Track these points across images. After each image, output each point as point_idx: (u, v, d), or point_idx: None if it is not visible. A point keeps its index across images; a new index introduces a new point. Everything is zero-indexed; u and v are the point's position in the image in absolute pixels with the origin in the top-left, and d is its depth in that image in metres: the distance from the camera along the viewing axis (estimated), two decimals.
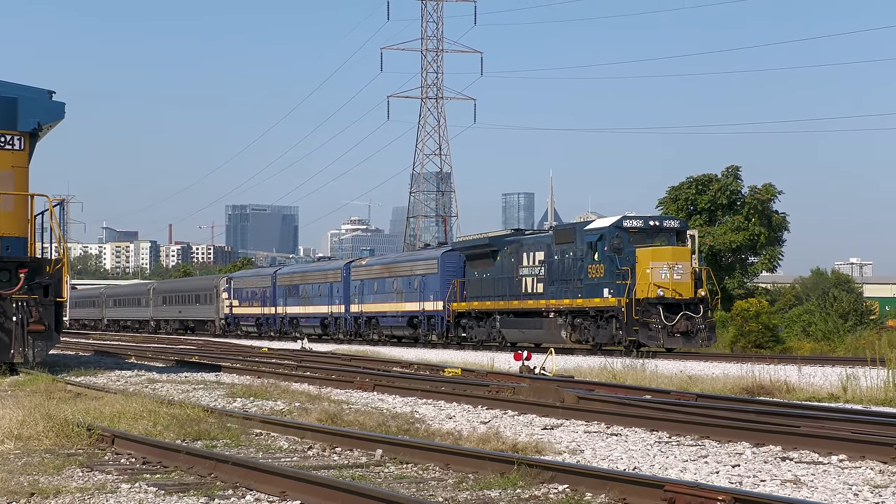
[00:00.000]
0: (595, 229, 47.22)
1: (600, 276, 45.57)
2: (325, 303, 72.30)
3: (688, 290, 44.09)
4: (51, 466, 13.20)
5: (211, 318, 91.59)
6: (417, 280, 61.39)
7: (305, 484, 11.01)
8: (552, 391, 22.54)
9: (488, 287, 54.97)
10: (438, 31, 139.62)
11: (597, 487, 11.11)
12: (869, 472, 12.89)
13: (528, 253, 52.30)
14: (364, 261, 73.05)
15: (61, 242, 31.10)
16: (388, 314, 64.67)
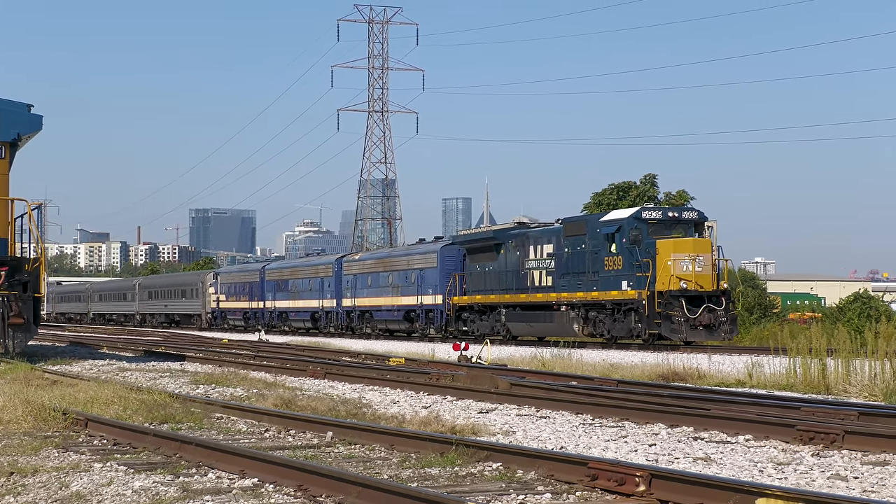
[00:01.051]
0: (612, 221, 42.82)
1: (618, 269, 41.50)
2: (316, 297, 67.85)
3: (709, 283, 40.12)
4: (29, 448, 13.12)
5: (197, 312, 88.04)
6: (415, 274, 56.72)
7: (262, 463, 10.99)
8: (487, 378, 22.55)
9: (491, 280, 50.54)
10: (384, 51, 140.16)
11: (527, 465, 11.12)
12: (772, 450, 12.96)
13: (534, 246, 47.67)
14: (357, 255, 69.02)
15: (39, 243, 31.04)
16: (382, 308, 60.22)
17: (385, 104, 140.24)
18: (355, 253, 70.76)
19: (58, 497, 10.26)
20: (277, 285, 73.91)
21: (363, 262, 63.99)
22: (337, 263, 66.26)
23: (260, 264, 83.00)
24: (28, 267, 30.11)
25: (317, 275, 68.18)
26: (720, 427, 14.75)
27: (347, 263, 65.41)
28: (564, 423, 16.08)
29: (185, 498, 9.70)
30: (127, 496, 9.95)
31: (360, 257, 66.17)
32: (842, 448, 12.85)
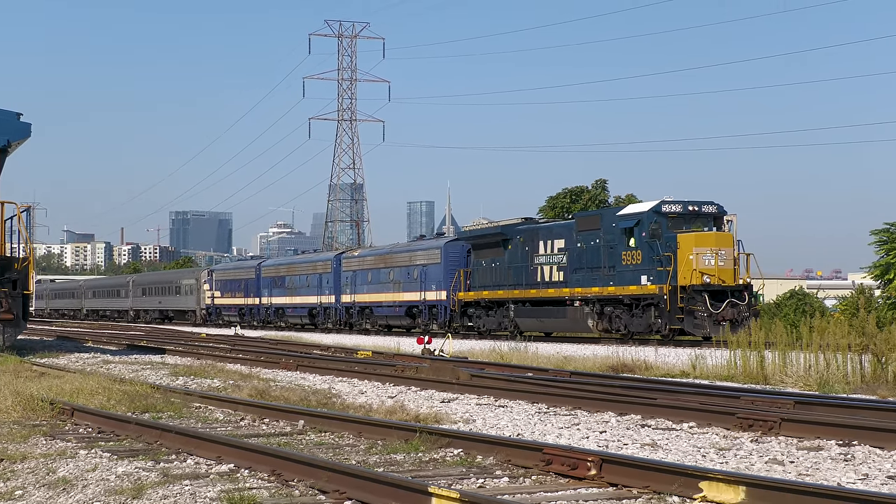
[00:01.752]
0: (631, 214, 39.61)
1: (637, 263, 38.48)
2: (315, 293, 64.08)
3: (731, 277, 37.49)
4: (18, 436, 13.06)
5: (192, 308, 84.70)
6: (417, 270, 53.25)
7: (238, 450, 10.96)
8: (449, 370, 22.55)
9: (499, 276, 47.04)
10: (352, 64, 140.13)
11: (486, 451, 11.13)
12: (714, 436, 13.02)
13: (545, 241, 44.41)
14: (356, 252, 64.46)
15: (28, 243, 30.92)
16: (383, 304, 56.79)
17: (353, 113, 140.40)
18: (354, 249, 66.27)
19: (45, 482, 10.22)
20: (274, 282, 70.68)
21: (363, 259, 60.64)
22: (336, 260, 63.15)
23: (256, 261, 79.20)
24: (17, 266, 29.99)
25: (315, 271, 64.93)
26: (666, 415, 14.79)
27: (347, 260, 62.21)
28: (521, 411, 16.10)
29: (165, 483, 9.67)
30: (111, 481, 9.92)
31: (360, 254, 62.59)
32: (779, 434, 12.91)
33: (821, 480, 9.87)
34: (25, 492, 9.97)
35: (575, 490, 9.33)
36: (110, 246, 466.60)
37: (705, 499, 8.63)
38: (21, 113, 31.04)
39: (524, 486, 9.57)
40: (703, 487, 8.75)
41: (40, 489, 10.00)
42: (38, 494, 9.82)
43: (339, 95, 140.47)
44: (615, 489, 9.29)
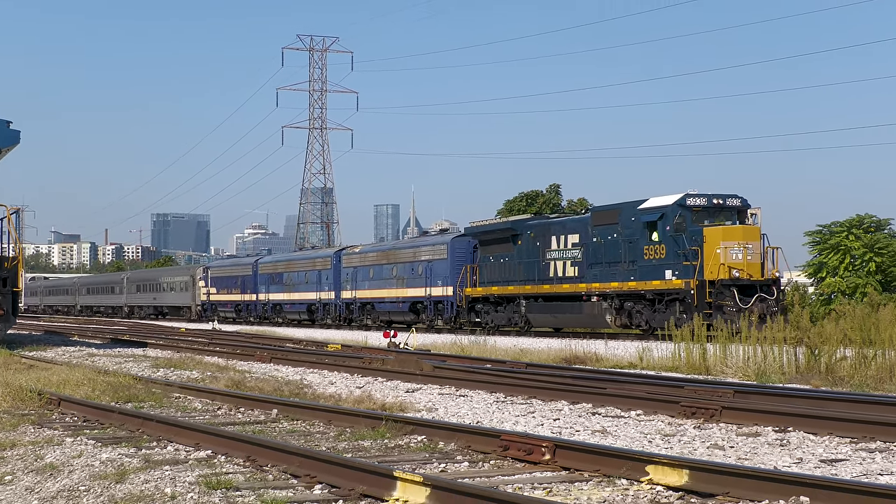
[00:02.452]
0: (653, 208, 36.36)
1: (661, 258, 35.57)
2: (314, 289, 60.56)
3: (758, 272, 34.64)
4: (7, 424, 12.98)
5: (187, 304, 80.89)
6: (422, 266, 49.76)
7: (215, 437, 10.93)
8: (413, 362, 22.54)
9: (508, 271, 43.62)
10: (323, 76, 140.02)
11: (448, 437, 11.14)
12: (660, 423, 13.06)
13: (557, 236, 41.15)
14: (357, 248, 59.91)
15: (17, 243, 30.84)
16: (385, 300, 53.33)
17: (324, 122, 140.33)
18: (355, 246, 61.71)
19: (34, 468, 10.16)
20: (271, 278, 66.95)
21: (364, 255, 56.94)
22: (335, 256, 59.53)
23: (253, 258, 75.09)
24: (7, 265, 29.92)
25: (314, 268, 61.34)
26: (615, 403, 14.83)
27: (347, 256, 58.42)
28: (480, 400, 16.11)
29: (146, 468, 9.63)
30: (95, 467, 9.86)
31: (361, 250, 58.55)
32: (719, 421, 12.97)
33: (758, 464, 9.91)
34: (15, 477, 9.91)
35: (531, 474, 9.35)
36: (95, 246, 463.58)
37: (651, 481, 8.66)
38: (10, 121, 30.94)
39: (483, 471, 9.58)
40: (649, 471, 8.78)
41: (29, 474, 9.94)
42: (27, 479, 9.76)
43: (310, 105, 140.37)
44: (568, 473, 9.31)
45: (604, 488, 8.62)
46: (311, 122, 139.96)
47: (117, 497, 8.57)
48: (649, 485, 8.62)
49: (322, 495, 8.32)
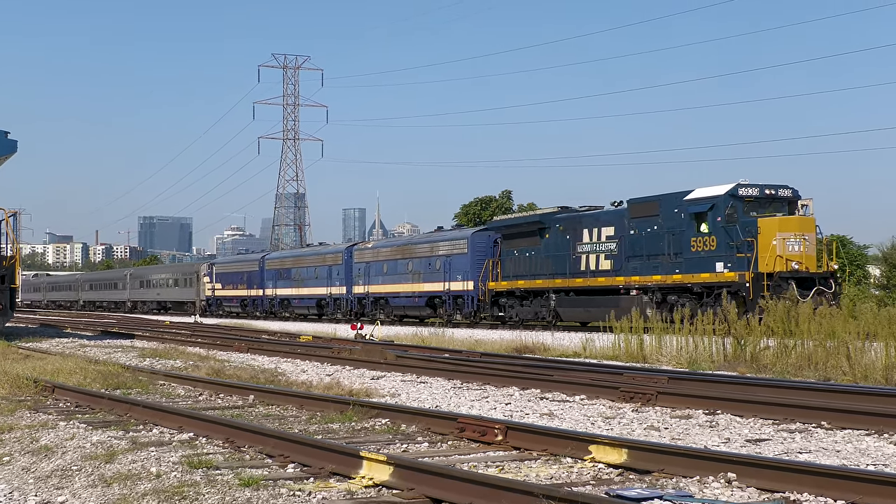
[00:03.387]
0: (702, 199, 32.77)
1: (711, 249, 32.04)
2: (324, 284, 56.60)
3: (814, 264, 31.38)
4: (5, 409, 12.89)
5: (191, 299, 76.77)
6: (440, 261, 45.95)
7: (196, 421, 10.88)
8: (378, 351, 22.52)
9: (535, 265, 39.92)
10: (296, 91, 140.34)
11: (410, 420, 11.13)
12: (602, 407, 13.11)
13: (589, 229, 37.52)
14: (370, 244, 56.43)
15: (14, 244, 30.62)
16: (400, 295, 49.45)
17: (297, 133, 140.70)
18: (368, 241, 58.96)
19: (30, 449, 10.09)
20: (279, 274, 62.83)
21: (377, 251, 53.13)
22: (347, 252, 55.69)
23: (259, 255, 70.59)
24: (5, 263, 29.75)
25: (324, 263, 57.29)
26: (561, 389, 14.87)
27: (359, 252, 54.57)
28: (439, 386, 16.11)
29: (134, 449, 9.58)
30: (86, 448, 9.80)
31: (374, 246, 54.74)
32: (655, 405, 13.03)
33: (690, 444, 9.97)
34: (12, 458, 9.83)
35: (484, 453, 9.35)
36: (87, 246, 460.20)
37: (594, 460, 8.69)
38: (8, 132, 30.74)
39: (442, 450, 9.58)
40: (592, 450, 8.80)
41: (25, 455, 9.87)
42: (24, 460, 9.69)
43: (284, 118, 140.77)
44: (518, 452, 9.32)
45: (551, 466, 8.64)
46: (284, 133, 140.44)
47: (107, 476, 8.52)
48: (592, 463, 8.64)
49: (295, 473, 8.30)
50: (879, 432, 10.55)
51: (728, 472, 7.82)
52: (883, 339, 17.02)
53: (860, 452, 9.48)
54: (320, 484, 7.83)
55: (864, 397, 12.77)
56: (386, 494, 7.44)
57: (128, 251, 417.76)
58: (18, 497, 8.19)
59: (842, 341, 17.72)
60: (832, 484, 7.23)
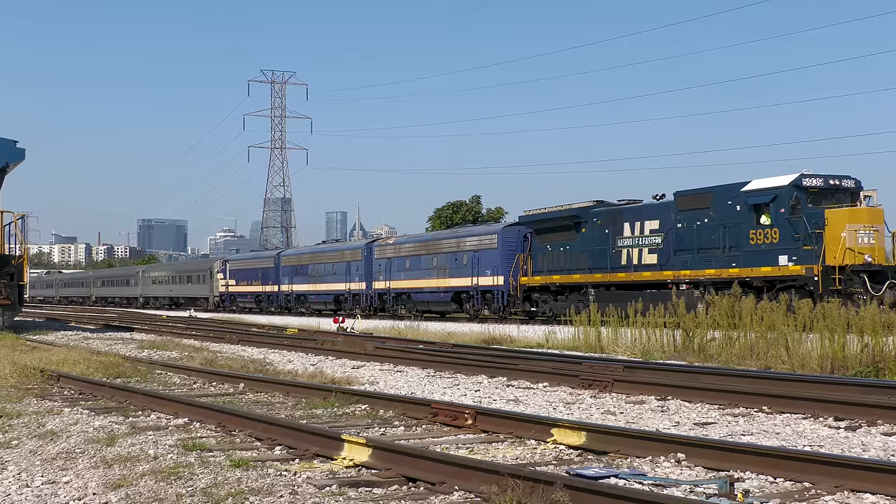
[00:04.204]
0: (764, 190, 29.19)
1: (773, 242, 28.45)
2: (343, 280, 52.72)
3: (884, 257, 27.90)
4: (14, 397, 12.82)
5: (205, 295, 72.47)
6: (467, 256, 42.12)
7: (191, 407, 10.84)
8: (358, 343, 22.49)
9: (571, 260, 35.93)
10: (283, 104, 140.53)
11: (387, 406, 11.12)
12: (563, 393, 13.13)
13: (631, 222, 33.76)
14: (391, 240, 51.68)
15: (22, 244, 30.62)
16: (424, 290, 45.42)
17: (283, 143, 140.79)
18: (388, 238, 53.61)
19: (36, 434, 10.02)
20: (295, 270, 58.75)
21: (399, 247, 48.78)
22: (367, 248, 51.80)
23: (274, 252, 65.95)
24: (14, 262, 29.65)
25: (343, 259, 53.26)
26: (526, 377, 14.89)
27: (380, 248, 50.62)
28: (414, 375, 16.11)
29: (133, 433, 9.54)
30: (89, 433, 9.75)
31: (395, 241, 50.35)
32: (611, 392, 13.06)
33: (643, 427, 10.00)
34: (20, 442, 9.77)
35: (456, 436, 9.36)
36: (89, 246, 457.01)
37: (556, 441, 8.70)
38: (17, 140, 30.64)
39: (416, 434, 9.58)
40: (554, 433, 8.82)
41: (32, 439, 9.81)
42: (31, 444, 9.62)
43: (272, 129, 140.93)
44: (487, 435, 9.33)
45: (516, 447, 8.65)
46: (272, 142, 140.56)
47: (108, 458, 8.47)
48: (554, 444, 8.66)
49: (281, 455, 8.28)
50: (815, 416, 10.62)
51: (678, 453, 7.85)
52: (818, 332, 17.12)
53: (797, 434, 9.54)
54: (305, 465, 7.82)
55: (801, 384, 12.84)
56: (365, 474, 7.43)
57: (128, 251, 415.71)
58: (26, 478, 8.13)
59: (781, 333, 17.82)
60: (772, 463, 7.27)
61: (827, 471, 6.91)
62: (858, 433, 9.55)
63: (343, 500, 6.49)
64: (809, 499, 6.51)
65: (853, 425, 9.94)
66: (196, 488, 7.07)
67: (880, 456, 8.29)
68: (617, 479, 7.04)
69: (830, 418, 10.42)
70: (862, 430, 9.73)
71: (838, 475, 6.83)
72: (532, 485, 6.21)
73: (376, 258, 50.23)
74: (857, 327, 16.77)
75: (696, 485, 6.87)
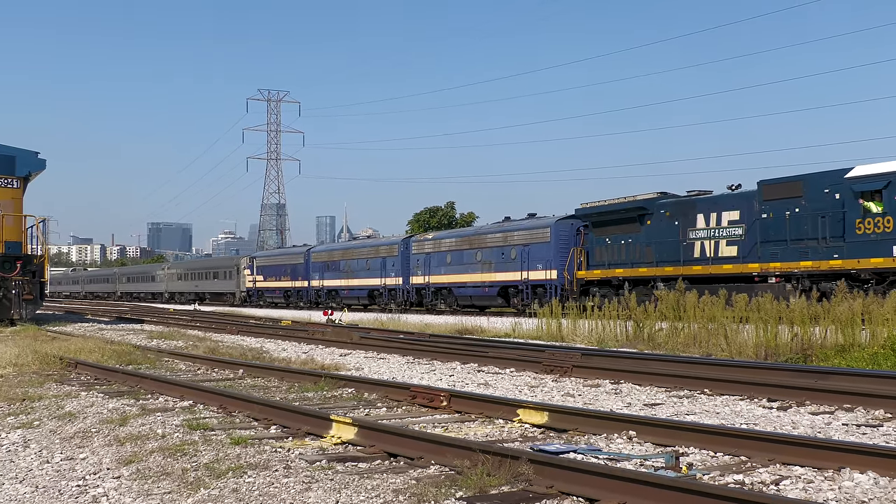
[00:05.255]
0: (873, 176, 24.73)
1: (886, 231, 24.00)
2: (377, 276, 48.43)
3: None
4: (36, 382, 12.73)
5: (231, 291, 68.56)
6: (516, 250, 37.60)
7: (195, 391, 10.78)
8: (345, 333, 22.45)
9: (635, 253, 31.72)
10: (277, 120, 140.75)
11: (371, 389, 11.10)
12: (528, 378, 13.15)
13: (705, 213, 29.34)
14: (430, 235, 46.29)
15: (44, 245, 30.53)
16: (467, 285, 40.80)
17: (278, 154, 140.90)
18: (427, 233, 48.41)
19: (56, 415, 9.96)
20: (326, 266, 54.38)
21: (439, 242, 43.95)
22: (403, 244, 47.05)
23: (304, 248, 60.64)
24: (36, 261, 29.59)
25: (378, 255, 48.83)
26: (495, 363, 14.90)
27: (417, 243, 45.76)
28: (395, 362, 16.09)
29: (143, 414, 9.48)
30: (104, 414, 9.69)
31: (435, 237, 45.24)
32: (571, 376, 13.09)
33: (599, 407, 10.02)
34: (41, 422, 9.70)
35: (432, 416, 9.35)
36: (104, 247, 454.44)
37: (521, 421, 8.71)
38: (38, 152, 30.52)
39: (397, 414, 9.57)
40: (519, 413, 8.82)
41: (52, 420, 9.74)
42: (51, 424, 9.56)
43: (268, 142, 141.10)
44: (460, 415, 9.33)
45: (486, 426, 8.65)
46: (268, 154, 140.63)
47: (121, 437, 8.42)
48: (520, 423, 8.67)
49: (276, 433, 8.25)
50: (751, 397, 10.68)
51: (629, 431, 7.87)
52: (753, 323, 17.22)
53: (735, 414, 9.59)
54: (297, 442, 7.79)
55: (738, 369, 12.90)
56: (351, 450, 7.42)
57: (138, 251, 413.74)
58: (47, 455, 8.08)
59: (720, 324, 17.91)
60: (713, 440, 7.31)
61: (761, 446, 6.95)
62: (789, 413, 9.61)
63: (332, 474, 6.48)
64: (746, 471, 6.54)
65: (784, 406, 10.01)
66: (200, 463, 7.04)
67: (808, 433, 8.35)
68: (575, 454, 7.05)
69: (764, 399, 10.49)
70: (792, 409, 9.79)
71: (771, 450, 6.87)
72: (500, 459, 6.21)
73: (414, 253, 46.01)
74: (788, 319, 16.88)
75: (646, 458, 6.89)
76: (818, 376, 11.88)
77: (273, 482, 6.28)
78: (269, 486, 6.18)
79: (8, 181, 29.62)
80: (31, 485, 7.05)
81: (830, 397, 10.06)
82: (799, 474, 6.40)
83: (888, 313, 16.34)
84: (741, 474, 6.41)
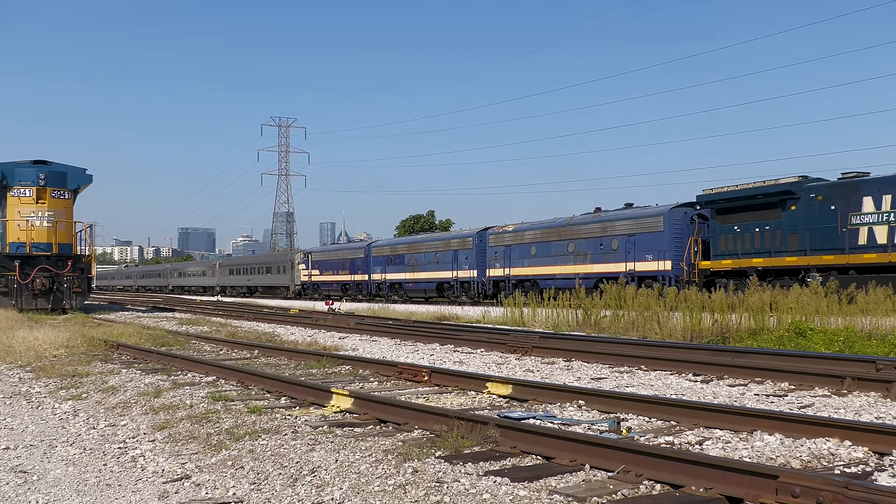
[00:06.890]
0: None
1: None
2: (448, 269, 41.37)
3: None
4: (84, 361, 12.62)
5: (285, 284, 61.14)
6: (618, 240, 30.93)
7: (218, 368, 10.71)
8: (343, 319, 22.37)
9: (776, 241, 24.96)
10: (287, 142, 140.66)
11: (365, 367, 11.07)
12: (495, 356, 13.15)
13: (875, 196, 22.51)
14: (510, 227, 38.07)
15: (90, 246, 30.47)
16: (557, 276, 33.68)
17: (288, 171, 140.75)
18: (507, 226, 40.29)
19: (101, 388, 9.87)
20: (388, 260, 47.44)
21: (521, 234, 36.70)
22: (478, 237, 39.91)
23: (363, 243, 53.97)
24: (84, 260, 29.50)
25: (448, 248, 41.92)
26: (468, 344, 14.90)
27: (495, 236, 38.38)
28: (385, 344, 16.05)
29: (174, 388, 9.41)
30: (141, 388, 9.62)
31: (516, 229, 37.49)
32: (531, 355, 13.10)
33: (554, 381, 10.04)
34: (88, 395, 9.62)
35: (416, 389, 9.33)
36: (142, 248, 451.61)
37: (490, 392, 8.71)
38: (86, 168, 30.39)
39: (387, 387, 9.54)
40: (488, 386, 8.82)
41: (98, 393, 9.66)
42: (96, 396, 9.48)
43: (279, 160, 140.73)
44: (439, 388, 9.32)
45: (460, 397, 8.64)
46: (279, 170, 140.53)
47: (155, 406, 8.36)
48: (488, 394, 8.67)
49: (286, 403, 8.22)
50: (679, 372, 10.73)
51: (579, 400, 7.89)
52: (682, 310, 17.30)
53: (666, 386, 9.63)
54: (303, 411, 7.76)
55: (669, 349, 12.96)
56: (349, 418, 7.39)
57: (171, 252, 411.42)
58: (93, 422, 8.02)
59: (654, 312, 17.99)
60: (648, 408, 7.33)
61: (688, 413, 6.98)
62: (711, 385, 9.65)
63: (332, 437, 6.46)
64: (675, 433, 6.57)
65: (707, 379, 10.06)
66: (221, 429, 7.00)
67: (726, 402, 8.39)
68: (535, 419, 7.06)
69: (690, 374, 10.53)
70: (713, 382, 9.84)
71: (696, 416, 6.90)
72: (472, 425, 6.21)
73: (490, 245, 38.86)
74: (710, 307, 16.99)
75: (593, 423, 6.91)
76: (735, 355, 11.96)
77: (283, 444, 6.25)
78: (279, 448, 6.16)
79: (61, 193, 29.49)
80: (80, 447, 6.99)
81: (745, 372, 10.12)
82: (719, 436, 6.44)
83: (791, 303, 16.47)
84: (671, 436, 6.44)
